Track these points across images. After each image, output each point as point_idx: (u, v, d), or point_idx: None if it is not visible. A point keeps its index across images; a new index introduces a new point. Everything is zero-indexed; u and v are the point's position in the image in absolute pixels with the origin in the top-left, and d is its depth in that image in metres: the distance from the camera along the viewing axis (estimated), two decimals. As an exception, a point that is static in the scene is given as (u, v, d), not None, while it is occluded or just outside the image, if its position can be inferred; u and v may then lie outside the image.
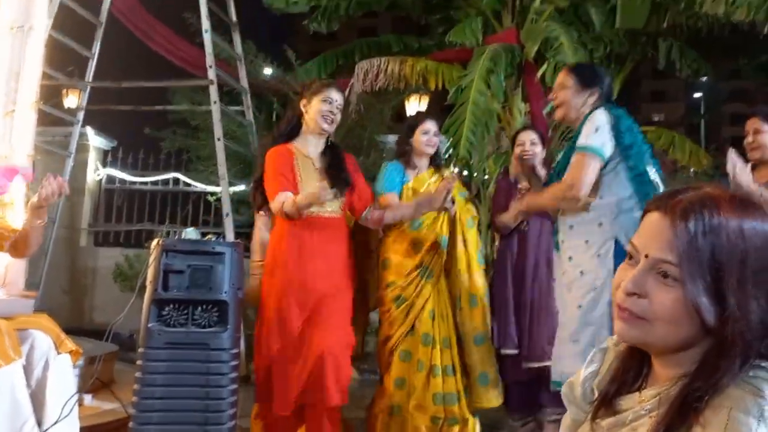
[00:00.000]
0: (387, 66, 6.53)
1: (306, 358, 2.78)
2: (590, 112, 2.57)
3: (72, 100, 7.83)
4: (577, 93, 2.63)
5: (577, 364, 2.46)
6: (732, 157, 2.86)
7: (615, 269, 2.58)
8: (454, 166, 5.79)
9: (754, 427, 0.79)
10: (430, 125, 3.35)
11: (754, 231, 0.87)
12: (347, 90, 6.24)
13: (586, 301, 2.46)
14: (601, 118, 2.51)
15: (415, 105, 9.01)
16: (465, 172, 5.96)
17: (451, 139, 5.81)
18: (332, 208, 2.93)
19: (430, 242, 3.24)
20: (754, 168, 3.03)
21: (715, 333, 0.86)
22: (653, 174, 2.53)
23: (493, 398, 3.23)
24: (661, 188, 2.52)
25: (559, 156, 2.83)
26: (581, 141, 2.52)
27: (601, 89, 2.64)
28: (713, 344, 0.87)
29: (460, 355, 3.24)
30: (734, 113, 31.42)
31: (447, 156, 6.09)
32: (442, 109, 8.20)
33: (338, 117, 2.97)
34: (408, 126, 3.45)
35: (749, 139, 3.08)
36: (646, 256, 0.89)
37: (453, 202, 3.22)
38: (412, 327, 3.22)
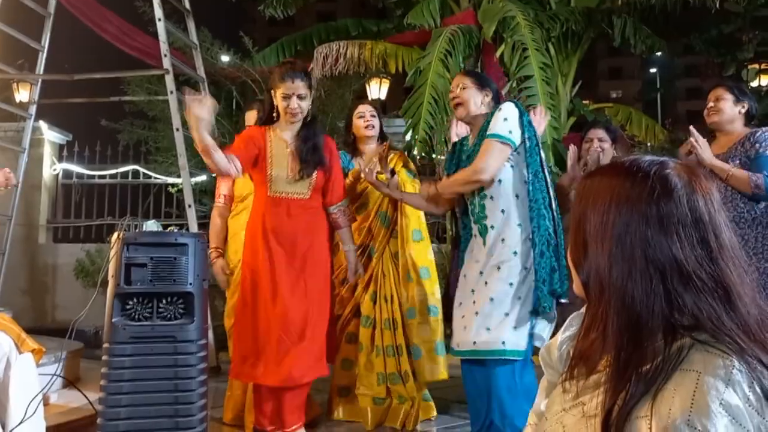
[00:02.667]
0: (346, 50, 6.50)
1: (287, 332, 2.86)
2: (497, 108, 2.82)
3: (23, 94, 7.60)
4: (477, 92, 2.90)
5: (511, 336, 2.66)
6: (694, 133, 2.97)
7: (543, 249, 2.73)
8: (414, 149, 5.80)
9: (722, 389, 0.81)
10: (362, 108, 3.47)
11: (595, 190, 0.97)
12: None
13: (517, 280, 2.70)
14: (511, 109, 2.78)
15: (375, 89, 8.99)
16: (424, 154, 5.98)
17: (410, 121, 5.82)
18: (299, 189, 2.96)
19: (370, 221, 3.37)
20: (711, 142, 3.12)
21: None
22: (544, 171, 2.81)
23: (445, 369, 3.33)
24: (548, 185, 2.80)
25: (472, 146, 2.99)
26: (491, 129, 2.76)
27: (493, 91, 2.96)
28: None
29: (409, 334, 3.31)
30: (689, 88, 32.09)
31: (407, 138, 6.10)
32: (403, 92, 8.19)
33: (303, 102, 2.95)
34: (347, 116, 3.59)
35: (710, 104, 3.17)
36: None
37: (393, 173, 3.27)
38: (358, 309, 3.34)
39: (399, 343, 3.30)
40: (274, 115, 3.00)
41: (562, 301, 2.77)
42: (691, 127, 3.06)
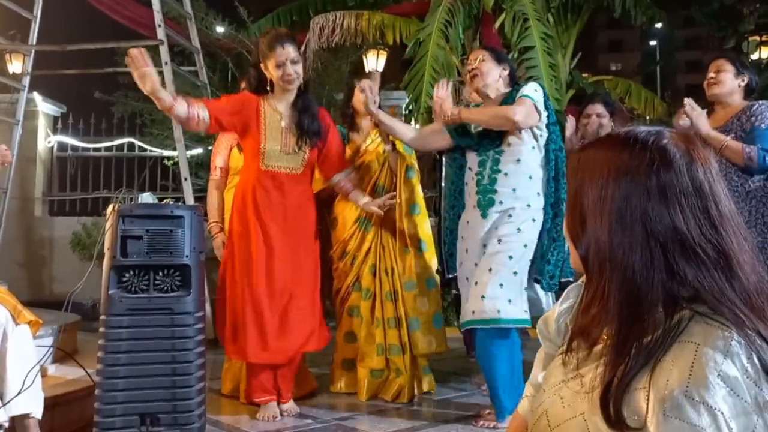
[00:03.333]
0: (343, 21, 6.42)
1: (280, 308, 2.86)
2: (526, 82, 2.98)
3: (16, 65, 7.50)
4: (494, 66, 3.00)
5: (505, 305, 2.73)
6: (690, 103, 2.94)
7: (545, 232, 2.84)
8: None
9: (720, 361, 0.80)
10: (365, 84, 3.42)
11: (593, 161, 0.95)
12: (303, 47, 6.12)
13: (517, 254, 2.81)
14: (539, 87, 2.92)
15: (373, 61, 8.89)
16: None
17: (411, 94, 5.77)
18: (292, 164, 2.92)
19: (368, 193, 3.35)
20: (709, 114, 3.10)
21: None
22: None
23: (443, 341, 3.36)
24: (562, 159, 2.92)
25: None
26: (525, 92, 2.86)
27: (511, 67, 3.06)
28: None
29: (407, 306, 3.33)
30: (688, 61, 31.86)
31: (408, 111, 6.06)
32: (401, 64, 8.11)
33: (297, 67, 2.90)
34: (347, 90, 3.56)
35: (711, 75, 3.14)
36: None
37: (393, 146, 3.33)
38: (357, 281, 3.37)
39: (400, 315, 3.31)
40: (268, 87, 2.95)
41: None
42: (687, 98, 3.05)
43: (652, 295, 0.87)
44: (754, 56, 7.68)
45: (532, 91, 2.87)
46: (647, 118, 7.32)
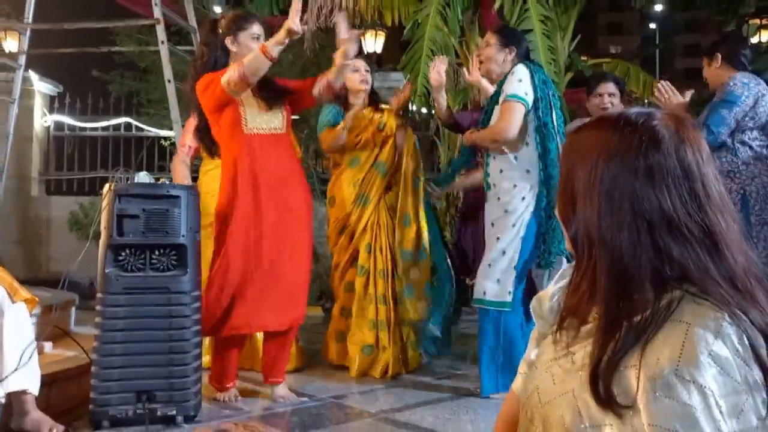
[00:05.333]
0: (341, 0, 6.36)
1: (274, 281, 2.81)
2: (512, 69, 2.97)
3: (12, 43, 7.44)
4: (499, 51, 3.05)
5: (492, 286, 2.86)
6: (662, 84, 3.10)
7: (536, 213, 2.90)
8: (413, 103, 5.74)
9: (711, 341, 0.81)
10: (359, 63, 3.47)
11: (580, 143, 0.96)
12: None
13: (505, 236, 2.91)
14: (523, 71, 2.94)
15: (371, 42, 8.84)
16: (423, 109, 5.94)
17: (409, 75, 5.74)
18: (275, 124, 2.91)
19: (366, 172, 3.47)
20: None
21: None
22: (555, 126, 2.95)
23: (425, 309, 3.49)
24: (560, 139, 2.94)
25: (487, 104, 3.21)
26: (508, 90, 2.91)
27: (519, 48, 3.08)
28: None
29: (402, 274, 3.45)
30: (687, 45, 31.75)
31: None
32: (400, 45, 8.06)
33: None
34: None
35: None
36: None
37: (404, 122, 3.51)
38: (356, 258, 3.46)
39: (388, 294, 3.42)
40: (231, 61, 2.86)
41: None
42: (661, 83, 3.13)
43: (640, 274, 0.88)
44: (754, 39, 7.65)
45: (516, 83, 2.90)
46: (645, 101, 7.29)
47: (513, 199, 2.91)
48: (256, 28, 2.88)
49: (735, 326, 0.83)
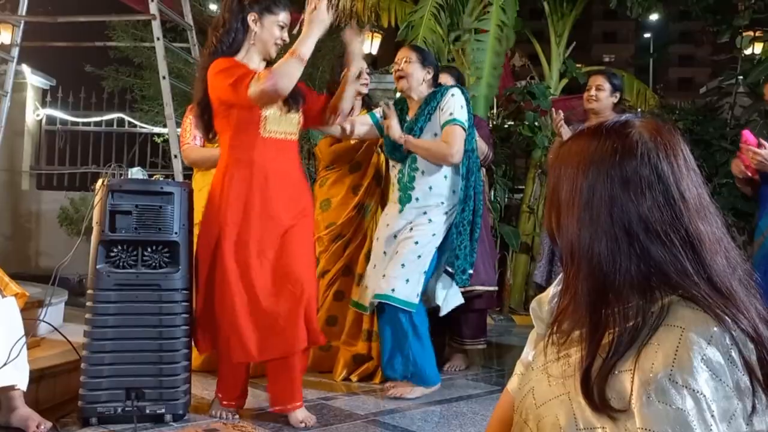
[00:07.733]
0: (338, 1, 6.36)
1: (281, 298, 2.54)
2: (446, 89, 3.06)
3: (5, 36, 7.39)
4: (420, 68, 3.08)
5: (402, 285, 2.92)
6: (557, 114, 3.45)
7: (454, 226, 3.04)
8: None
9: (704, 346, 0.82)
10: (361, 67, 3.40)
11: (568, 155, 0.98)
12: (297, 27, 6.05)
13: (423, 241, 3.00)
14: (462, 97, 3.06)
15: (367, 43, 8.83)
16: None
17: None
18: (290, 129, 2.66)
19: (367, 180, 3.42)
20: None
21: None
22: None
23: None
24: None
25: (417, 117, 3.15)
26: (455, 114, 3.00)
27: (435, 69, 3.16)
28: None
29: None
30: (681, 55, 31.96)
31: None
32: (396, 47, 8.04)
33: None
34: (337, 68, 3.48)
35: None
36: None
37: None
38: (346, 267, 3.38)
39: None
40: (247, 43, 2.60)
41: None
42: (556, 111, 3.49)
43: (620, 281, 0.89)
44: (748, 51, 7.69)
45: (458, 108, 3.01)
46: (638, 110, 7.33)
47: (438, 212, 3.04)
48: (284, 17, 2.61)
49: (727, 332, 0.84)
